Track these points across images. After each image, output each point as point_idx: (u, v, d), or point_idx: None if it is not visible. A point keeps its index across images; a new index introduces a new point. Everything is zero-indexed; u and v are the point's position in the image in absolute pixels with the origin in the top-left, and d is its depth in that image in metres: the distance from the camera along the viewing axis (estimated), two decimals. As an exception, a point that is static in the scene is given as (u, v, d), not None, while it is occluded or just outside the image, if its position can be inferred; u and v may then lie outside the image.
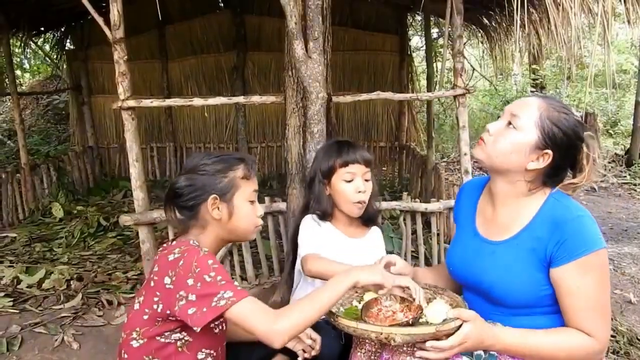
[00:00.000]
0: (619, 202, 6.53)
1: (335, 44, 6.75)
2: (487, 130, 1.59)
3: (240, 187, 1.59)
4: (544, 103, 1.54)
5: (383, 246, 2.20)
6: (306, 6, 3.01)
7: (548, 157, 1.51)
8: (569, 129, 1.51)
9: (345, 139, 2.36)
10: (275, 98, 3.47)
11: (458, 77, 3.60)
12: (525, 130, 1.52)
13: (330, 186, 2.02)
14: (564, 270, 1.47)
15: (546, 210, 1.54)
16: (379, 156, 7.08)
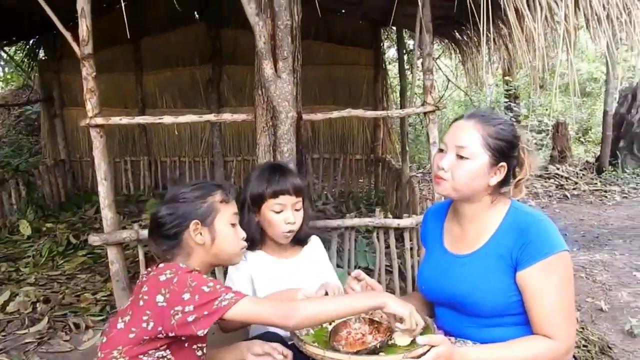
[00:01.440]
0: (590, 209, 6.65)
1: (311, 58, 6.82)
2: (441, 168, 1.61)
3: (220, 211, 1.64)
4: (478, 123, 1.59)
5: (325, 255, 2.17)
6: (275, 26, 3.01)
7: (504, 168, 1.60)
8: (510, 136, 1.61)
9: (279, 163, 2.32)
10: (246, 116, 3.46)
11: (428, 94, 3.64)
12: (477, 156, 1.57)
13: (260, 214, 1.98)
14: (528, 273, 1.53)
15: (509, 219, 1.62)
16: (354, 169, 7.10)
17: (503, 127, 1.60)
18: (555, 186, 7.52)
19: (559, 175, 7.78)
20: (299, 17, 3.19)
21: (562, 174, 7.81)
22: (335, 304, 1.52)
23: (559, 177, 7.73)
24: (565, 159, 8.39)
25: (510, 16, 3.03)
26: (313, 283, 1.96)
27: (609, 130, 7.74)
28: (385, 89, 7.10)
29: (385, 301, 1.51)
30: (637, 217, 6.13)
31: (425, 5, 3.58)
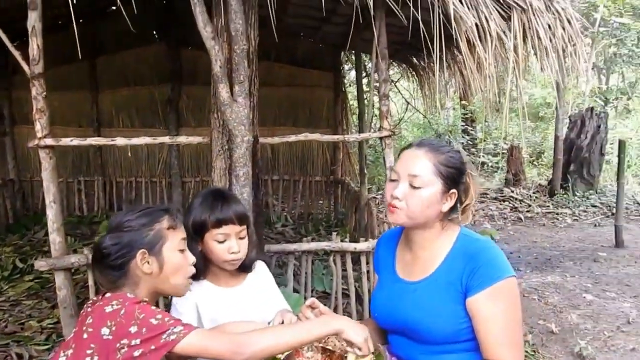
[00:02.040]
0: (543, 231, 6.83)
1: (272, 80, 6.86)
2: (395, 197, 1.63)
3: (168, 238, 1.58)
4: (429, 152, 1.62)
5: (271, 280, 2.13)
6: (232, 50, 3.00)
7: (455, 195, 1.63)
8: (458, 163, 1.64)
9: (221, 189, 2.27)
10: (202, 139, 3.43)
11: (384, 119, 3.69)
12: (430, 184, 1.60)
13: (203, 243, 1.94)
14: (477, 299, 1.55)
15: (459, 245, 1.65)
16: (314, 191, 7.10)
17: (452, 154, 1.63)
18: (509, 208, 7.70)
19: (514, 198, 7.98)
20: (256, 42, 3.20)
21: (516, 197, 8.01)
22: (290, 333, 1.49)
23: (513, 200, 7.93)
24: (520, 181, 8.63)
25: (462, 46, 3.12)
26: (260, 310, 1.94)
27: (560, 154, 8.00)
28: (345, 112, 7.17)
29: (341, 327, 1.51)
30: (587, 239, 6.34)
31: (380, 33, 3.65)
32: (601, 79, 15.78)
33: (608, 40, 11.65)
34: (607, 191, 8.12)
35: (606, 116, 8.31)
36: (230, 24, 2.95)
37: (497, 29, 3.08)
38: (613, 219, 6.18)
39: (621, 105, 14.08)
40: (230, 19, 2.94)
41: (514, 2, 3.10)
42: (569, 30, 3.36)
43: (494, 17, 3.06)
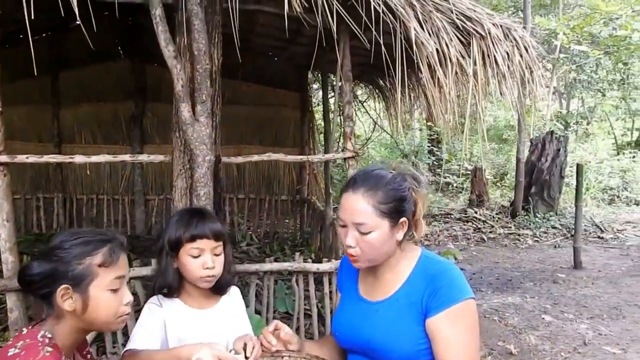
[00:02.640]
0: (505, 251, 6.95)
1: (239, 98, 6.85)
2: (349, 246, 1.63)
3: (98, 276, 1.44)
4: (366, 194, 1.61)
5: (243, 308, 2.12)
6: (195, 69, 2.99)
7: (405, 222, 1.62)
8: (399, 192, 1.62)
9: (200, 207, 2.29)
10: (163, 157, 3.38)
11: (347, 140, 3.71)
12: (377, 227, 1.59)
13: (178, 259, 1.93)
14: (436, 320, 1.55)
15: (420, 267, 1.65)
16: (280, 210, 7.07)
17: (389, 186, 1.61)
18: (473, 229, 7.82)
19: (477, 219, 8.11)
20: (220, 61, 3.19)
21: (479, 217, 8.14)
22: None
23: (476, 220, 8.06)
24: (483, 202, 8.78)
25: (423, 71, 3.17)
26: (227, 336, 1.90)
27: (521, 176, 8.19)
28: (312, 131, 7.20)
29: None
30: (547, 260, 6.47)
31: (345, 56, 3.70)
32: (562, 103, 16.30)
33: (568, 67, 12.07)
34: (567, 213, 8.33)
35: (566, 140, 8.57)
36: (193, 43, 2.94)
37: (457, 55, 3.15)
38: (572, 241, 6.33)
39: (581, 129, 14.57)
40: (194, 38, 2.93)
41: (473, 29, 3.18)
42: (526, 57, 3.46)
43: (454, 44, 3.13)
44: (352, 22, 3.11)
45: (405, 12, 3.02)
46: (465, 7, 3.20)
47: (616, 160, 11.44)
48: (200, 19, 2.91)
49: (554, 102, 15.80)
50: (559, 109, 15.68)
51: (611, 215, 8.98)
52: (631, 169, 10.67)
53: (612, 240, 7.42)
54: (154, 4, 2.82)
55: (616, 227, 8.01)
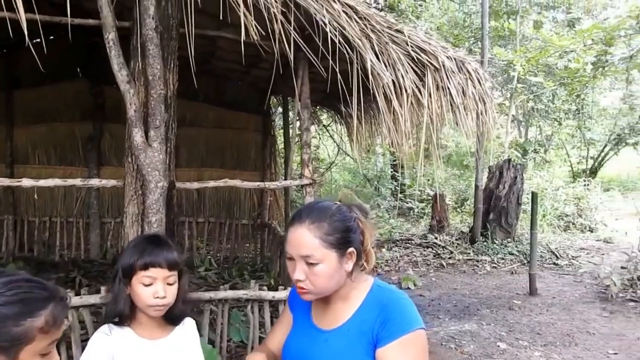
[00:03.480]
0: (463, 278, 7.01)
1: (200, 121, 6.80)
2: (298, 280, 1.62)
3: (34, 341, 1.21)
4: (312, 226, 1.60)
5: (197, 340, 2.07)
6: (149, 94, 2.95)
7: (353, 252, 1.60)
8: (345, 223, 1.61)
9: (157, 235, 2.25)
10: (116, 182, 3.30)
11: (305, 167, 3.71)
12: (324, 258, 1.58)
13: (131, 286, 1.89)
14: (387, 349, 1.53)
15: (372, 296, 1.63)
16: (241, 234, 6.99)
17: (334, 217, 1.61)
18: (433, 255, 7.89)
19: (437, 244, 8.19)
20: (175, 86, 3.16)
21: (439, 243, 8.23)
22: None
23: (436, 246, 8.14)
24: (443, 228, 8.89)
25: (379, 101, 3.21)
26: None
27: (480, 203, 8.34)
28: (274, 155, 7.19)
29: None
30: (504, 286, 6.56)
31: (303, 83, 3.72)
32: (521, 131, 16.79)
33: (526, 96, 12.48)
34: (524, 239, 8.49)
35: (522, 168, 8.79)
36: (148, 68, 2.91)
37: (412, 86, 3.20)
38: (528, 267, 6.44)
39: (539, 157, 15.01)
40: (148, 63, 2.90)
41: (428, 62, 3.25)
42: (479, 89, 3.55)
43: (409, 75, 3.19)
44: (309, 51, 3.14)
45: (362, 44, 3.06)
46: (420, 39, 3.27)
47: (571, 187, 11.78)
48: (156, 44, 2.89)
49: (513, 129, 16.27)
50: (518, 136, 16.15)
51: (566, 242, 9.21)
52: (585, 196, 11.01)
53: (567, 266, 7.58)
54: (108, 29, 2.79)
55: (571, 254, 8.21)
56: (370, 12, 3.13)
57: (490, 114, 3.62)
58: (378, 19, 3.18)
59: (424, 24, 9.96)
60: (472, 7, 12.76)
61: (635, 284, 6.09)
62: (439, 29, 11.75)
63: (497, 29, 11.44)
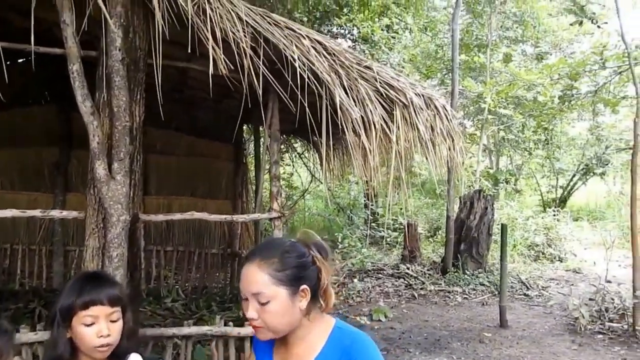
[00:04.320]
0: (435, 309, 6.98)
1: (171, 149, 6.73)
2: (251, 319, 1.59)
3: None
4: (262, 263, 1.58)
5: None
6: (113, 126, 2.90)
7: (307, 290, 1.58)
8: (297, 260, 1.58)
9: (96, 271, 2.18)
10: (77, 213, 3.22)
11: (274, 200, 3.67)
12: (275, 297, 1.56)
13: (71, 329, 1.80)
14: None
15: (333, 339, 1.60)
16: (210, 263, 6.87)
17: (286, 254, 1.59)
18: (404, 285, 7.86)
19: (409, 275, 8.18)
20: (141, 118, 3.11)
21: (411, 274, 8.22)
22: None
23: (408, 277, 8.12)
24: (415, 258, 8.90)
25: (348, 136, 3.21)
26: None
27: (451, 233, 8.39)
28: (245, 184, 7.13)
29: None
30: (475, 318, 6.55)
31: (273, 115, 3.71)
32: (492, 160, 17.07)
33: (497, 127, 12.72)
34: (495, 270, 8.54)
35: (492, 198, 8.90)
36: (113, 99, 2.87)
37: (380, 122, 3.22)
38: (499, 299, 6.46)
39: (510, 186, 15.24)
40: (113, 94, 2.86)
41: (397, 98, 3.28)
42: (447, 125, 3.59)
43: (378, 111, 3.20)
44: (278, 87, 3.14)
45: (331, 79, 3.07)
46: (389, 76, 3.30)
47: (541, 217, 11.96)
48: (122, 75, 2.85)
49: (485, 158, 16.53)
50: (489, 165, 16.40)
51: (536, 272, 9.29)
52: (554, 226, 11.17)
53: (537, 297, 7.63)
54: (72, 60, 2.74)
55: (541, 284, 8.27)
56: (339, 49, 3.16)
57: (458, 149, 3.65)
58: (347, 55, 3.20)
59: (397, 56, 10.11)
60: (445, 39, 13.05)
61: (603, 315, 6.15)
62: (411, 60, 11.96)
63: (468, 61, 11.71)
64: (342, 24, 9.81)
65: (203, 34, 2.87)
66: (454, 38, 8.38)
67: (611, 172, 15.13)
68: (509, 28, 13.62)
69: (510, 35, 13.74)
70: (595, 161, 14.65)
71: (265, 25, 3.01)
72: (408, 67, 11.32)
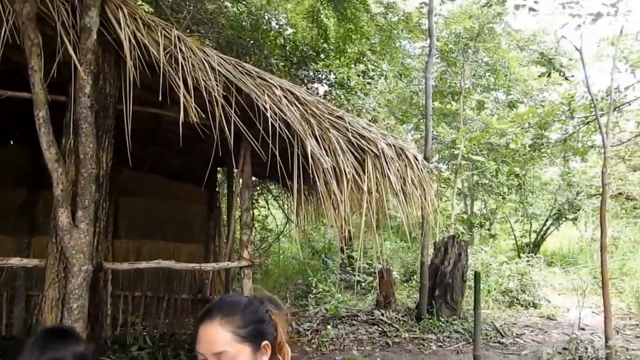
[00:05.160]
0: (409, 358, 6.85)
1: (143, 191, 6.62)
2: None
3: None
4: (223, 320, 1.55)
5: None
6: (79, 173, 2.84)
7: (267, 345, 1.57)
8: (258, 315, 1.58)
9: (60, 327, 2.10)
10: (38, 262, 3.11)
11: (244, 248, 3.61)
12: (239, 354, 1.53)
13: None
14: None
15: None
16: (180, 309, 6.67)
17: (246, 310, 1.58)
18: (379, 333, 7.73)
19: (383, 321, 8.06)
20: (108, 165, 3.06)
21: (385, 320, 8.10)
22: None
23: (383, 323, 8.00)
24: (390, 304, 8.79)
25: (319, 185, 3.20)
26: None
27: (425, 279, 8.34)
28: (218, 228, 7.03)
29: None
30: (449, 367, 6.45)
31: (245, 163, 3.69)
32: (467, 204, 17.24)
33: (470, 172, 12.91)
34: (469, 317, 8.47)
35: (466, 244, 8.92)
36: (80, 146, 2.82)
37: (352, 172, 3.22)
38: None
39: (484, 230, 15.36)
40: (80, 141, 2.81)
41: (368, 148, 3.29)
42: (418, 174, 3.61)
43: (349, 161, 3.21)
44: (249, 135, 3.13)
45: (302, 129, 3.08)
46: (360, 126, 3.33)
47: (515, 263, 12.01)
48: (90, 122, 2.81)
49: (460, 202, 16.69)
50: (464, 209, 16.55)
51: (511, 319, 9.24)
52: (528, 272, 11.21)
53: (512, 345, 7.57)
54: (39, 106, 2.70)
55: (515, 332, 8.21)
56: (311, 98, 3.18)
57: (430, 199, 3.67)
58: (319, 105, 3.23)
59: (372, 101, 10.28)
60: (420, 86, 13.35)
61: (576, 365, 6.12)
62: (387, 105, 12.17)
63: (441, 108, 11.97)
64: (319, 69, 9.98)
65: (175, 81, 2.87)
66: (427, 86, 8.55)
67: (583, 217, 15.38)
68: (482, 76, 14.03)
69: (483, 83, 14.14)
70: (567, 206, 14.89)
71: (238, 75, 3.03)
72: (383, 112, 11.52)
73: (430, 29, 8.62)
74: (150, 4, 7.64)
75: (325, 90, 10.15)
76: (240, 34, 8.55)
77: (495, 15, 11.98)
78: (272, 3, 10.17)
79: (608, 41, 7.91)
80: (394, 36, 11.22)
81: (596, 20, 6.59)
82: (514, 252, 15.38)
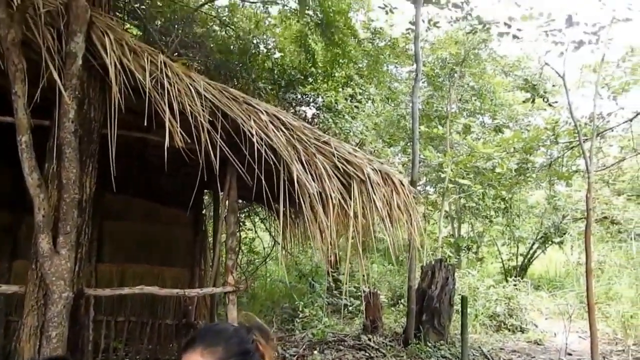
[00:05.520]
0: (397, 385, 6.78)
1: (128, 214, 6.54)
2: None
3: None
4: (205, 351, 1.52)
5: None
6: (61, 198, 2.80)
7: None
8: (243, 346, 1.54)
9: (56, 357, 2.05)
10: (18, 288, 3.04)
11: (229, 273, 3.57)
12: None
13: None
14: None
15: None
16: (164, 334, 6.55)
17: (231, 340, 1.55)
18: (365, 358, 7.64)
19: (370, 347, 7.98)
20: (92, 190, 3.03)
21: (372, 345, 8.02)
22: None
23: (370, 349, 7.91)
24: (377, 328, 8.71)
25: (305, 210, 3.19)
26: None
27: (413, 303, 8.29)
28: (204, 252, 6.95)
29: None
30: (436, 394, 6.38)
31: (231, 187, 3.67)
32: (454, 227, 17.28)
33: (457, 195, 12.97)
34: (457, 341, 8.41)
35: (453, 268, 8.90)
36: (63, 171, 2.79)
37: (338, 197, 3.21)
38: (460, 373, 6.33)
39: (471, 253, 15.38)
40: (63, 166, 2.78)
41: (354, 173, 3.30)
42: (404, 200, 3.61)
43: (335, 186, 3.21)
44: (235, 160, 3.12)
45: (288, 154, 3.08)
46: (346, 151, 3.34)
47: (502, 287, 12.01)
48: (73, 147, 2.79)
49: (447, 225, 16.73)
50: (451, 232, 16.58)
51: (498, 344, 9.19)
52: (515, 296, 11.21)
53: (499, 371, 7.54)
54: (22, 131, 2.67)
55: (503, 357, 8.17)
56: (297, 124, 3.19)
57: (416, 224, 3.67)
58: (305, 130, 3.23)
59: (360, 124, 10.34)
60: (407, 109, 13.47)
61: (564, 391, 6.08)
62: (374, 128, 12.24)
63: (428, 132, 12.07)
64: (307, 92, 10.04)
65: (160, 106, 2.87)
66: (414, 110, 8.63)
67: (569, 241, 15.47)
68: (468, 101, 14.21)
69: (469, 107, 14.31)
70: (553, 230, 14.98)
71: (224, 100, 3.04)
72: (371, 135, 11.57)
73: (417, 54, 8.73)
74: (138, 28, 7.67)
75: (313, 114, 10.20)
76: (229, 58, 8.59)
77: (481, 41, 12.18)
78: (261, 27, 10.27)
79: (590, 68, 8.07)
80: (381, 61, 11.35)
81: (578, 48, 6.73)
82: (501, 275, 15.38)
